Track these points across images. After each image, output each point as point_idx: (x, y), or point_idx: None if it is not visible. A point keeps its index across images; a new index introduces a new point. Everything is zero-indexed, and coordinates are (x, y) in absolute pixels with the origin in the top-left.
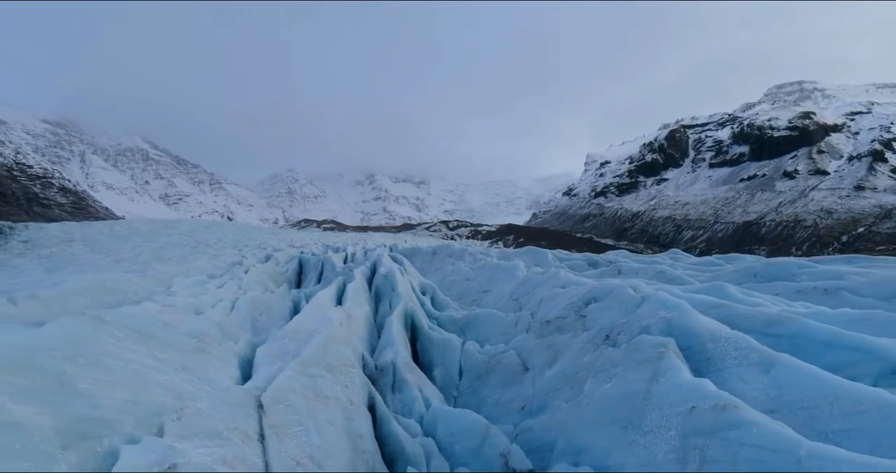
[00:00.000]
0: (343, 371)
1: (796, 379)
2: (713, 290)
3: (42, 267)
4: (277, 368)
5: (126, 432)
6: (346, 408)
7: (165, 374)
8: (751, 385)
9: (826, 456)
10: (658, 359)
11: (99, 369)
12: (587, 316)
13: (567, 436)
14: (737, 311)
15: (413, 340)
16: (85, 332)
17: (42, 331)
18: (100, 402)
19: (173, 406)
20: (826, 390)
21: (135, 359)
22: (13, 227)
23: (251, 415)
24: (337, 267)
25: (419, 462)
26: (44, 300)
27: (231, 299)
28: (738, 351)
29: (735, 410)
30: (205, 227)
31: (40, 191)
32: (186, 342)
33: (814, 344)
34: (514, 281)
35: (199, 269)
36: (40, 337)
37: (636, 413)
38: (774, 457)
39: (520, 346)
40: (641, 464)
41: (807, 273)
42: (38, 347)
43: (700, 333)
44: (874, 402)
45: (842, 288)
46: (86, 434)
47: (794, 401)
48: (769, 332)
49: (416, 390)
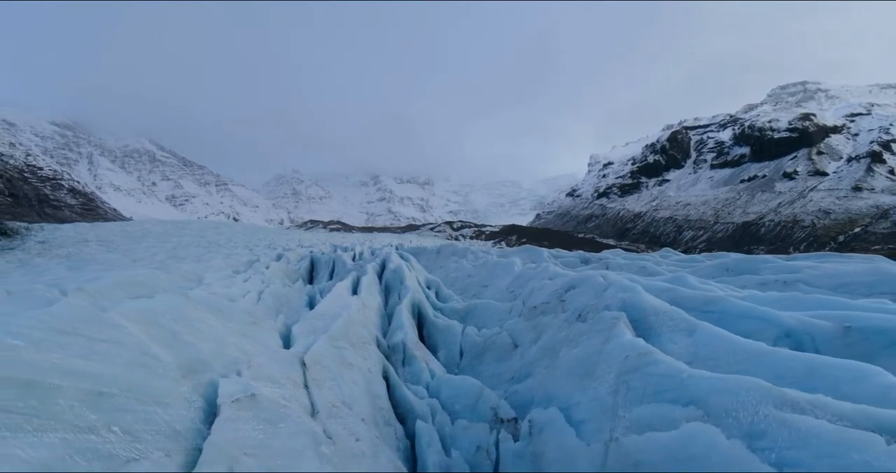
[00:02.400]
0: (362, 346)
1: (709, 340)
2: (675, 280)
3: (63, 266)
4: (312, 340)
5: (218, 371)
6: (366, 374)
7: (234, 337)
8: (678, 344)
9: (698, 376)
10: (611, 328)
11: (194, 329)
12: (566, 300)
13: (543, 391)
14: (683, 294)
15: (419, 327)
16: (180, 304)
17: (156, 301)
18: (199, 350)
19: (243, 359)
20: (727, 346)
21: (213, 325)
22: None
23: (297, 370)
24: (347, 264)
25: (426, 417)
26: (89, 292)
27: (257, 291)
28: (672, 322)
29: (651, 354)
30: (214, 228)
31: (51, 192)
32: (243, 317)
33: (734, 316)
34: (510, 275)
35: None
36: (157, 305)
37: (591, 366)
38: (668, 380)
39: (511, 328)
40: (590, 399)
41: (770, 267)
42: (159, 311)
43: (646, 308)
44: (755, 353)
45: (798, 280)
46: (194, 370)
47: (705, 355)
48: (705, 309)
49: (423, 363)
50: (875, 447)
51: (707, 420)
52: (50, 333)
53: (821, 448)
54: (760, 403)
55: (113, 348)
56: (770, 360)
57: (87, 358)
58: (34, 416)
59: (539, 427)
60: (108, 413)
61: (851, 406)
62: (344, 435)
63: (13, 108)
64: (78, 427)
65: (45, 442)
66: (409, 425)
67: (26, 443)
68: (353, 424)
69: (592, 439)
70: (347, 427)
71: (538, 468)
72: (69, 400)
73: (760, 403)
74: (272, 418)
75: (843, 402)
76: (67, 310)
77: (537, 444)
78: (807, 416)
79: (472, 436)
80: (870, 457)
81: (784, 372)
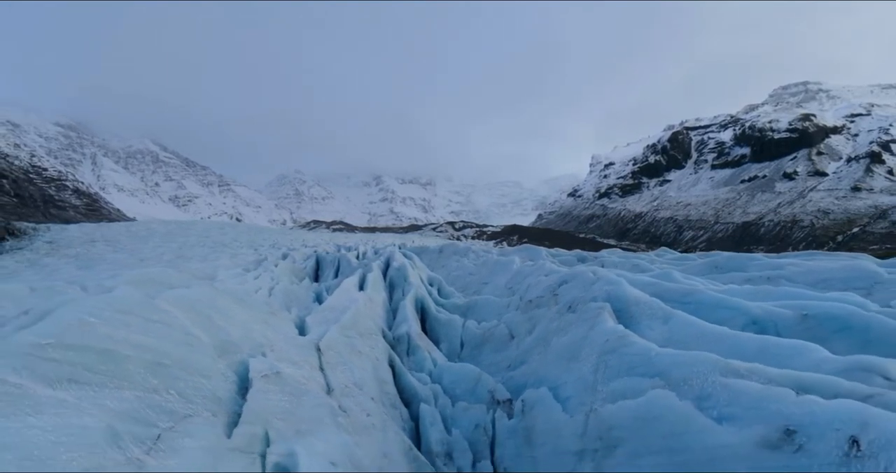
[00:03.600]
0: (369, 336)
1: (681, 326)
2: (662, 275)
3: (73, 266)
4: (324, 329)
5: (246, 352)
6: (374, 361)
7: (257, 324)
8: (654, 331)
9: (663, 353)
10: (596, 316)
11: (224, 316)
12: (559, 294)
13: (535, 375)
14: (665, 287)
15: (422, 321)
16: (211, 294)
17: (191, 291)
18: (230, 334)
19: (266, 343)
20: (696, 331)
21: (239, 313)
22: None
23: (313, 355)
24: (353, 263)
25: (429, 400)
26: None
27: (268, 288)
28: (651, 311)
29: (627, 337)
30: (218, 229)
31: (55, 193)
32: (263, 307)
33: (709, 306)
34: (509, 273)
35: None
36: (193, 293)
37: (577, 350)
38: (639, 358)
39: (508, 321)
40: (575, 379)
41: (756, 265)
42: (195, 299)
43: (628, 299)
44: (720, 336)
45: (781, 277)
46: (227, 350)
47: (678, 339)
48: (683, 300)
49: (426, 353)
50: (787, 398)
51: (667, 387)
52: (115, 314)
53: (749, 403)
54: (710, 372)
55: (164, 328)
56: (731, 342)
57: (145, 334)
58: (113, 377)
59: (530, 404)
60: (166, 379)
61: (778, 370)
62: (356, 411)
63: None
64: (145, 388)
65: (124, 397)
66: (414, 408)
67: (111, 397)
68: (364, 402)
69: (575, 411)
70: (359, 404)
71: (529, 441)
72: (136, 367)
73: (710, 372)
74: (295, 392)
75: (771, 368)
76: (125, 296)
77: (528, 420)
78: (743, 380)
79: (471, 416)
80: (782, 406)
81: (741, 350)
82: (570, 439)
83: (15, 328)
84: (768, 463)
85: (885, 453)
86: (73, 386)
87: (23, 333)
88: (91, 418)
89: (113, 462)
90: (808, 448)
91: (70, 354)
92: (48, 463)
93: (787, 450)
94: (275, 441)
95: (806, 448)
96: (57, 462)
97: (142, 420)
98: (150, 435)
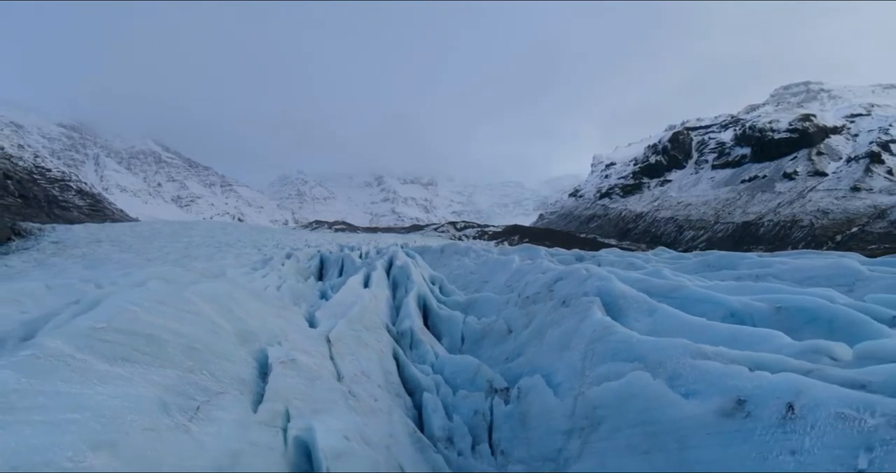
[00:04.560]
0: (375, 330)
1: (664, 318)
2: (653, 273)
3: (80, 265)
4: (333, 323)
5: (264, 341)
6: (379, 353)
7: (272, 317)
8: (640, 322)
9: (643, 340)
10: (587, 309)
11: (243, 308)
12: (554, 290)
13: (531, 364)
14: (654, 283)
15: (424, 318)
16: (230, 288)
17: (213, 285)
18: (249, 324)
19: (281, 334)
20: (678, 322)
21: (255, 306)
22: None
23: (323, 345)
24: (356, 262)
25: (431, 390)
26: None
27: (275, 286)
28: (637, 304)
29: (612, 327)
30: (222, 229)
31: (59, 193)
32: (276, 302)
33: (692, 300)
34: (508, 271)
35: (231, 265)
36: (215, 287)
37: (569, 340)
38: (623, 345)
39: (507, 316)
40: (566, 366)
41: (746, 263)
42: (217, 292)
43: (617, 294)
44: (698, 326)
45: (768, 274)
46: (247, 339)
47: (661, 329)
48: (669, 295)
49: (429, 346)
50: (742, 375)
51: (644, 369)
52: (153, 304)
53: (711, 380)
54: (682, 355)
55: (193, 317)
56: (708, 331)
57: (179, 322)
58: (156, 357)
59: (525, 391)
60: (199, 362)
61: (739, 352)
62: (364, 396)
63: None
64: (183, 368)
65: (168, 374)
66: (417, 397)
67: (157, 374)
68: (372, 389)
69: (566, 395)
70: (367, 390)
71: (524, 424)
72: (174, 350)
73: (682, 355)
74: (310, 377)
75: (734, 351)
76: (159, 289)
77: (524, 405)
78: (709, 361)
79: (471, 403)
80: (737, 381)
81: (716, 338)
82: (560, 420)
83: (71, 315)
84: (723, 429)
85: (812, 414)
86: (126, 363)
87: (80, 318)
88: (143, 389)
89: (165, 425)
90: (754, 414)
91: (120, 337)
92: (117, 421)
93: (738, 417)
94: (294, 417)
95: (753, 414)
96: (123, 421)
97: (183, 393)
98: (190, 407)
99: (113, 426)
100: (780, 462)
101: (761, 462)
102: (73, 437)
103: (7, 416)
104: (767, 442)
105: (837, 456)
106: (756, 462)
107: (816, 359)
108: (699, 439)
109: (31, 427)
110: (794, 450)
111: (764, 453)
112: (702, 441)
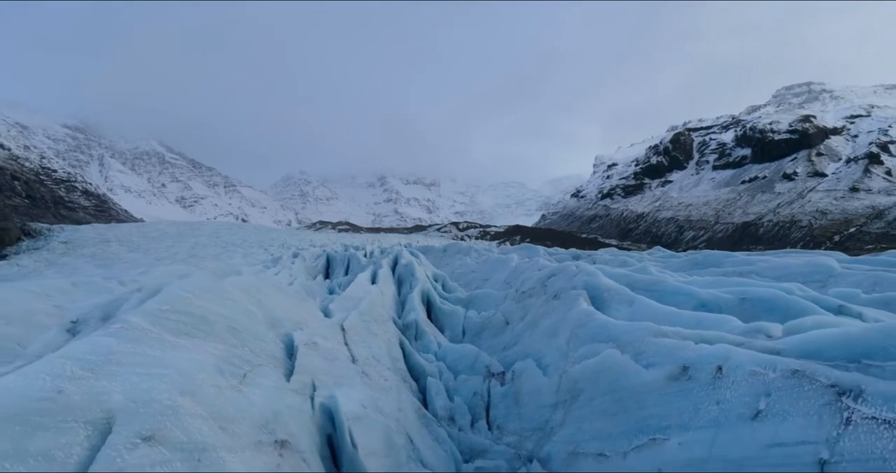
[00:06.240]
0: (382, 322)
1: (642, 308)
2: (639, 269)
3: (92, 265)
4: (346, 314)
5: (288, 327)
6: (387, 342)
7: (292, 307)
8: (621, 312)
9: (618, 324)
10: (574, 301)
11: (270, 298)
12: (547, 285)
13: (524, 351)
14: (637, 278)
15: (428, 313)
16: (257, 281)
17: (242, 278)
18: (275, 312)
19: (302, 322)
20: (653, 312)
21: (280, 297)
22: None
23: (338, 333)
24: (362, 261)
25: (435, 375)
26: (143, 283)
27: (287, 282)
28: (619, 296)
29: (593, 315)
30: (227, 229)
31: (65, 194)
32: (295, 295)
33: (669, 293)
34: (507, 269)
35: (240, 264)
36: (245, 280)
37: (557, 328)
38: (600, 329)
39: (504, 309)
40: (553, 350)
41: (731, 261)
42: (247, 284)
43: (601, 287)
44: (669, 314)
45: (751, 272)
46: (274, 325)
47: (639, 318)
48: (650, 288)
49: (432, 337)
50: (688, 348)
51: (615, 347)
52: (201, 292)
53: (666, 353)
54: (646, 335)
55: (232, 304)
56: (677, 318)
57: (222, 307)
58: (208, 334)
59: (518, 373)
60: (240, 340)
61: (691, 331)
62: (376, 376)
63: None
64: (228, 344)
65: (218, 347)
66: (422, 383)
67: (210, 346)
68: (382, 371)
69: (552, 374)
70: (378, 372)
71: (517, 401)
72: (220, 330)
73: (646, 335)
74: (329, 357)
75: (689, 329)
76: (201, 279)
77: (517, 385)
78: (667, 338)
79: (470, 386)
80: (684, 353)
81: (683, 323)
82: (547, 395)
83: (138, 300)
84: (671, 390)
85: (734, 373)
86: (187, 338)
87: (148, 302)
88: (204, 357)
89: (224, 384)
90: (695, 376)
91: (181, 317)
92: (193, 378)
93: (682, 380)
94: (319, 387)
95: (693, 377)
96: (196, 378)
97: (232, 363)
98: (239, 373)
99: (191, 380)
100: (708, 411)
101: (695, 412)
102: (167, 385)
103: (118, 368)
104: (701, 397)
105: (746, 402)
106: (692, 413)
107: (755, 336)
108: (653, 399)
109: (137, 377)
110: (719, 401)
111: (698, 405)
112: (655, 401)
